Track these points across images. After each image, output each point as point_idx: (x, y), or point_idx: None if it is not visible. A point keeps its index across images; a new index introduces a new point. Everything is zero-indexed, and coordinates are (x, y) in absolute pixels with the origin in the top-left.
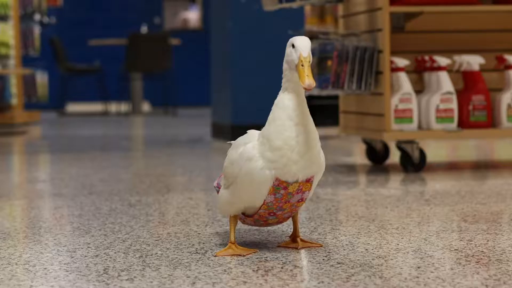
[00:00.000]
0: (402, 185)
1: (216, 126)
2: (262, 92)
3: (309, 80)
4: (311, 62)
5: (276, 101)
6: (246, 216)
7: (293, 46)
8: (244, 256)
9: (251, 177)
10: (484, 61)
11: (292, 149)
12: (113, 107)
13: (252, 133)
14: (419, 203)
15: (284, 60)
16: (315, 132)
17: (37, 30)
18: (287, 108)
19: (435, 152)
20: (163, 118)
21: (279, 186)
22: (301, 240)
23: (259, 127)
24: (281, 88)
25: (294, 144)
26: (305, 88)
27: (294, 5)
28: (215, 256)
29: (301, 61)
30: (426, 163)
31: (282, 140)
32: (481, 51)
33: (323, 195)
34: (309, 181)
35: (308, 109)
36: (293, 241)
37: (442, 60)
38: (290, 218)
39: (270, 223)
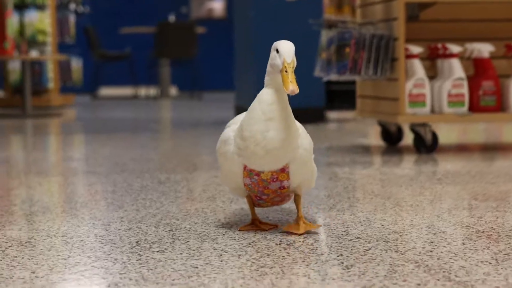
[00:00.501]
0: (415, 165)
1: (239, 109)
2: None
3: (292, 86)
4: (294, 67)
5: (258, 95)
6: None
7: (277, 51)
8: (266, 230)
9: (225, 158)
10: (494, 48)
11: (257, 143)
12: (143, 91)
13: (240, 117)
14: (431, 182)
15: (268, 63)
16: (291, 129)
17: (72, 19)
18: (263, 102)
19: (446, 134)
20: (189, 101)
21: (251, 172)
22: (304, 222)
23: None
24: (265, 85)
25: (260, 138)
26: (289, 93)
27: None
28: (239, 230)
29: (285, 66)
30: (438, 145)
31: (249, 132)
32: (491, 39)
33: (341, 174)
34: (283, 171)
35: (289, 107)
36: (296, 223)
37: (454, 48)
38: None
39: (263, 206)
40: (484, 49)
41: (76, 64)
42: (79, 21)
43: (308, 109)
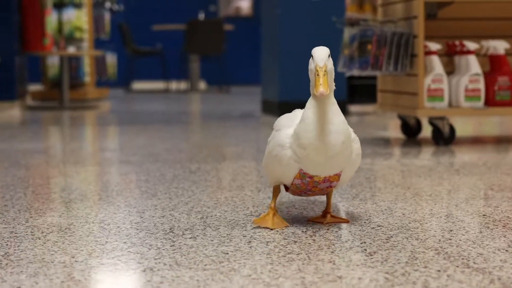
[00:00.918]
0: (433, 157)
1: (266, 103)
2: (305, 72)
3: (321, 88)
4: (329, 70)
5: (306, 103)
6: (285, 187)
7: (312, 56)
8: (271, 229)
9: (279, 161)
10: (509, 46)
11: (318, 151)
12: (173, 85)
13: (296, 114)
14: (449, 173)
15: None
16: (345, 133)
17: (107, 17)
18: (312, 111)
19: (463, 127)
20: (217, 95)
21: (305, 174)
22: (331, 216)
23: (303, 104)
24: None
25: (320, 145)
26: (318, 96)
27: None
28: (254, 223)
29: (317, 70)
30: (455, 137)
31: (307, 140)
32: (506, 37)
33: (363, 165)
34: (336, 174)
35: (334, 111)
36: (323, 216)
37: (471, 45)
38: None
39: (303, 196)
40: (499, 46)
41: (111, 59)
42: (113, 19)
43: None
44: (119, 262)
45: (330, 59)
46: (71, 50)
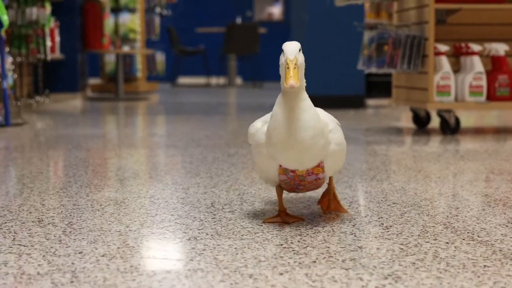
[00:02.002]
0: (441, 144)
1: None
2: (329, 69)
3: (292, 81)
4: (300, 64)
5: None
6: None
7: (282, 51)
8: (290, 223)
9: (260, 159)
10: (509, 48)
11: (287, 146)
12: (213, 80)
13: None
14: (455, 158)
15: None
16: (316, 127)
17: (157, 20)
18: (281, 107)
19: (467, 119)
20: (251, 89)
21: (286, 169)
22: (335, 196)
23: (325, 97)
24: None
25: (288, 141)
26: (288, 88)
27: (359, 1)
28: (263, 223)
29: (287, 63)
30: (460, 128)
31: (275, 137)
32: (507, 40)
33: (379, 151)
34: (319, 166)
35: (305, 108)
36: (323, 197)
37: (475, 47)
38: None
39: (299, 193)
40: (500, 48)
41: (160, 57)
42: (162, 22)
43: (351, 96)
44: (167, 231)
45: (301, 53)
46: (126, 49)
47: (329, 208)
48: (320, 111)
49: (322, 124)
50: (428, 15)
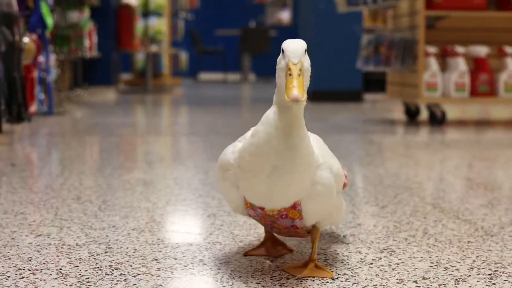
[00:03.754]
0: (429, 134)
1: None
2: (331, 67)
3: (296, 92)
4: (305, 70)
5: (265, 114)
6: None
7: (282, 51)
8: (276, 257)
9: (223, 185)
10: (489, 50)
11: (259, 179)
12: (230, 76)
13: (250, 130)
14: (441, 146)
15: (277, 72)
16: (303, 159)
17: (181, 24)
18: (270, 126)
19: (452, 112)
20: (263, 84)
21: (253, 204)
22: (316, 266)
23: (327, 91)
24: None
25: (264, 172)
26: (290, 101)
27: (358, 8)
28: (245, 255)
29: (290, 69)
30: (446, 120)
31: (250, 165)
32: (487, 43)
33: (375, 139)
34: (294, 208)
35: (300, 131)
36: (304, 265)
37: (460, 49)
38: None
39: (284, 236)
40: (481, 51)
41: (183, 56)
42: (186, 25)
43: (349, 91)
44: (189, 209)
45: (307, 56)
46: (154, 48)
47: (303, 274)
48: (314, 138)
49: (313, 157)
50: (419, 21)
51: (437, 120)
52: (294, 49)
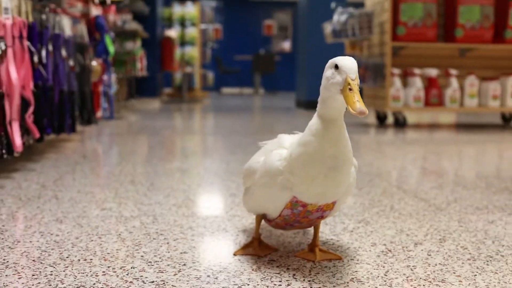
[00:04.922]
0: (394, 134)
1: (298, 101)
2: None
3: (359, 106)
4: (359, 85)
5: (310, 124)
6: (266, 220)
7: (336, 67)
8: (262, 256)
9: (268, 190)
10: (438, 72)
11: (317, 182)
12: (245, 90)
13: (282, 139)
14: (404, 144)
15: (323, 86)
16: (346, 161)
17: (209, 51)
18: (321, 137)
19: (411, 118)
20: (270, 96)
21: (297, 203)
22: (320, 250)
23: (316, 101)
24: (316, 113)
25: (321, 175)
26: (357, 114)
27: (341, 40)
28: (234, 255)
29: (349, 84)
30: (407, 123)
31: (305, 171)
32: (437, 67)
33: (354, 138)
34: (332, 202)
35: (345, 138)
36: (311, 251)
37: (417, 71)
38: None
39: (288, 229)
40: (433, 72)
41: (210, 75)
42: (212, 52)
43: None
44: (215, 189)
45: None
46: (188, 69)
47: (315, 257)
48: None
49: (352, 156)
50: (387, 50)
51: (400, 123)
52: (352, 66)
